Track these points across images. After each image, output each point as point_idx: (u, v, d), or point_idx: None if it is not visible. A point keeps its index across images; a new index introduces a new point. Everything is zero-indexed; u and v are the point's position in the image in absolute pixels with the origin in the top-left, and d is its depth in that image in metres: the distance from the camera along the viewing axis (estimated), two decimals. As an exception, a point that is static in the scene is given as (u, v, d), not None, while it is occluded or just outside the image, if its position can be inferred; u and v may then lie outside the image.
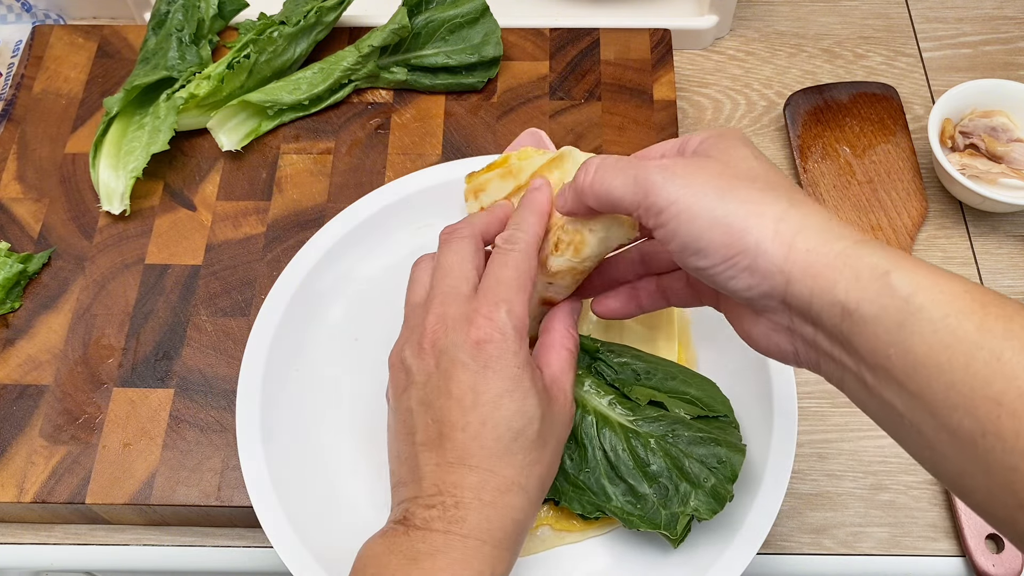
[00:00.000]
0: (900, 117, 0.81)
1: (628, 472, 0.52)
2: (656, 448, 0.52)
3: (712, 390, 0.55)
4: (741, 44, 0.88)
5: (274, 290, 0.62)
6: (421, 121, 0.76)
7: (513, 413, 0.46)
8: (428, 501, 0.45)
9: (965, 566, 0.62)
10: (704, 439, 0.52)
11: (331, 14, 0.78)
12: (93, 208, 0.72)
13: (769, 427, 0.56)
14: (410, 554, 0.43)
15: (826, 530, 0.64)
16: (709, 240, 0.42)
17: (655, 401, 0.54)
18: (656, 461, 0.52)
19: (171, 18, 0.77)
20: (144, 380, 0.65)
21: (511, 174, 0.58)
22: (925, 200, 0.77)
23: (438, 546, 0.43)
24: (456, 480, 0.45)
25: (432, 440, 0.46)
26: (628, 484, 0.52)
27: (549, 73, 0.79)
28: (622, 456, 0.53)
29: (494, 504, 0.45)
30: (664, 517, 0.51)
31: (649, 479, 0.52)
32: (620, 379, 0.55)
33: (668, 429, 0.53)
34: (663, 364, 0.56)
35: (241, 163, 0.74)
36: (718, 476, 0.51)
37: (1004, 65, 0.86)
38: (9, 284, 0.67)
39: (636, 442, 0.53)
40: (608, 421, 0.54)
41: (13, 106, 0.78)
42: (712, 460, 0.52)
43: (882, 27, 0.89)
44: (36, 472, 0.61)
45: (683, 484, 0.52)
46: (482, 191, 0.60)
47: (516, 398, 0.46)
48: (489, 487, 0.45)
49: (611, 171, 0.46)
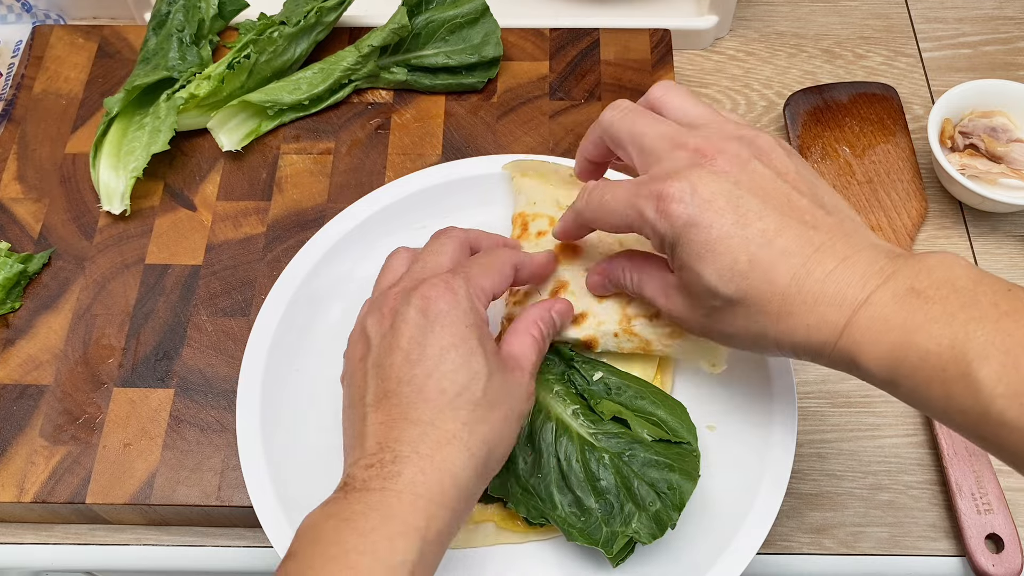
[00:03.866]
0: (900, 117, 0.81)
1: (578, 484, 0.52)
2: (609, 464, 0.52)
3: (681, 415, 0.55)
4: (741, 44, 0.88)
5: (274, 290, 0.62)
6: (421, 121, 0.76)
7: (458, 367, 0.46)
8: (368, 460, 0.45)
9: (965, 566, 0.62)
10: (659, 463, 0.52)
11: (331, 14, 0.78)
12: (93, 208, 0.72)
13: (769, 427, 0.56)
14: (344, 515, 0.43)
15: (826, 530, 0.64)
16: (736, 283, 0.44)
17: (619, 418, 0.54)
18: (607, 477, 0.52)
19: (172, 18, 0.77)
20: (144, 380, 0.65)
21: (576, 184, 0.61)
22: (925, 200, 0.77)
23: (372, 504, 0.43)
24: (397, 435, 0.45)
25: (379, 399, 0.46)
26: (576, 495, 0.52)
27: (549, 73, 0.79)
28: (575, 467, 0.53)
29: (431, 457, 0.44)
30: (604, 534, 0.51)
31: (597, 494, 0.52)
32: (590, 390, 0.55)
33: (625, 447, 0.53)
34: (636, 383, 0.56)
35: (241, 163, 0.74)
36: (665, 502, 0.51)
37: (1004, 65, 0.86)
38: (9, 284, 0.67)
39: (591, 455, 0.53)
40: (568, 430, 0.53)
41: (13, 106, 0.78)
42: (663, 485, 0.51)
43: (882, 27, 0.89)
44: (36, 472, 0.61)
45: (628, 504, 0.51)
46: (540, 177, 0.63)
47: (462, 352, 0.46)
48: (428, 440, 0.44)
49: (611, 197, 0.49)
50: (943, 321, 0.40)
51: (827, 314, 0.43)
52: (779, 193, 0.45)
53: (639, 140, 0.50)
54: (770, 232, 0.44)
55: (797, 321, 0.43)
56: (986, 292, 0.40)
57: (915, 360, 0.40)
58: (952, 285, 0.41)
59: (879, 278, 0.42)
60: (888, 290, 0.42)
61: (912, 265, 0.42)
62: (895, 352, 0.41)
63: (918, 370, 0.40)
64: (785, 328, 0.44)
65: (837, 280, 0.43)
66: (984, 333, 0.39)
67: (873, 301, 0.42)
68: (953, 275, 0.41)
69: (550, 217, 0.62)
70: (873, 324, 0.41)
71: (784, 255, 0.44)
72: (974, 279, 0.41)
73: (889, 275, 0.42)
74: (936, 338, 0.40)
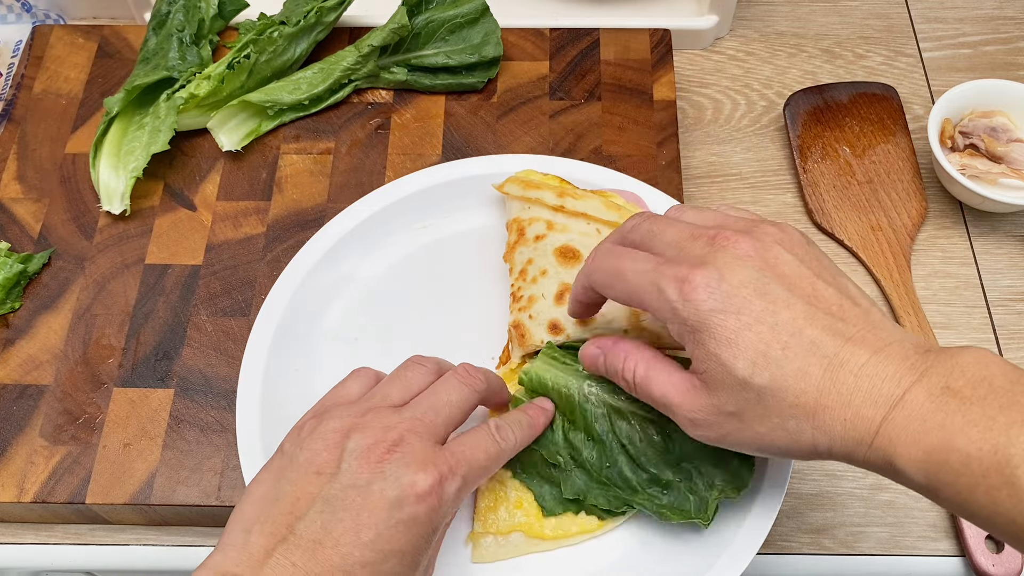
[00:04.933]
0: (900, 117, 0.81)
1: (648, 461, 0.53)
2: (673, 434, 0.53)
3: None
4: (741, 44, 0.88)
5: (274, 290, 0.62)
6: (421, 121, 0.76)
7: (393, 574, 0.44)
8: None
9: (965, 566, 0.62)
10: None
11: (331, 14, 0.78)
12: (93, 208, 0.72)
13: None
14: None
15: (826, 530, 0.64)
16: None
17: None
18: (675, 447, 0.53)
19: (172, 18, 0.77)
20: (144, 380, 0.65)
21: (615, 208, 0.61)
22: (925, 200, 0.77)
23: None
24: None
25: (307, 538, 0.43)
26: (651, 473, 0.53)
27: (549, 73, 0.79)
28: (639, 446, 0.53)
29: None
30: (693, 503, 0.52)
31: (670, 465, 0.53)
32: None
33: None
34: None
35: (241, 163, 0.74)
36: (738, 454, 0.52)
37: (1004, 65, 0.86)
38: (9, 284, 0.67)
39: (653, 430, 0.53)
40: (621, 413, 0.54)
41: (13, 106, 0.78)
42: None
43: (882, 27, 0.89)
44: (36, 472, 0.61)
45: (705, 466, 0.52)
46: (571, 196, 0.62)
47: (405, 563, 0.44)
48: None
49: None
50: (983, 424, 0.39)
51: (863, 409, 0.41)
52: (804, 281, 0.44)
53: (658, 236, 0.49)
54: (800, 321, 0.43)
55: (835, 415, 0.42)
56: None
57: (956, 465, 0.39)
58: (989, 384, 0.40)
59: (912, 375, 0.41)
60: (923, 388, 0.40)
61: (944, 362, 0.41)
62: (934, 455, 0.39)
63: (960, 476, 0.39)
64: (821, 423, 0.42)
65: (871, 375, 0.42)
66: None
67: (908, 400, 0.40)
68: (989, 373, 0.40)
69: (547, 221, 0.62)
70: (910, 424, 0.40)
71: (816, 346, 0.42)
72: (1011, 378, 0.40)
73: (922, 372, 0.41)
74: (977, 442, 0.38)
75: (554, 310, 0.58)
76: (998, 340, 0.71)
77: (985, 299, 0.73)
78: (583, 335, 0.57)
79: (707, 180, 0.79)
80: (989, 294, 0.73)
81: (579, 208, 0.62)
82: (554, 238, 0.61)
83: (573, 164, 0.68)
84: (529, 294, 0.59)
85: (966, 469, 0.39)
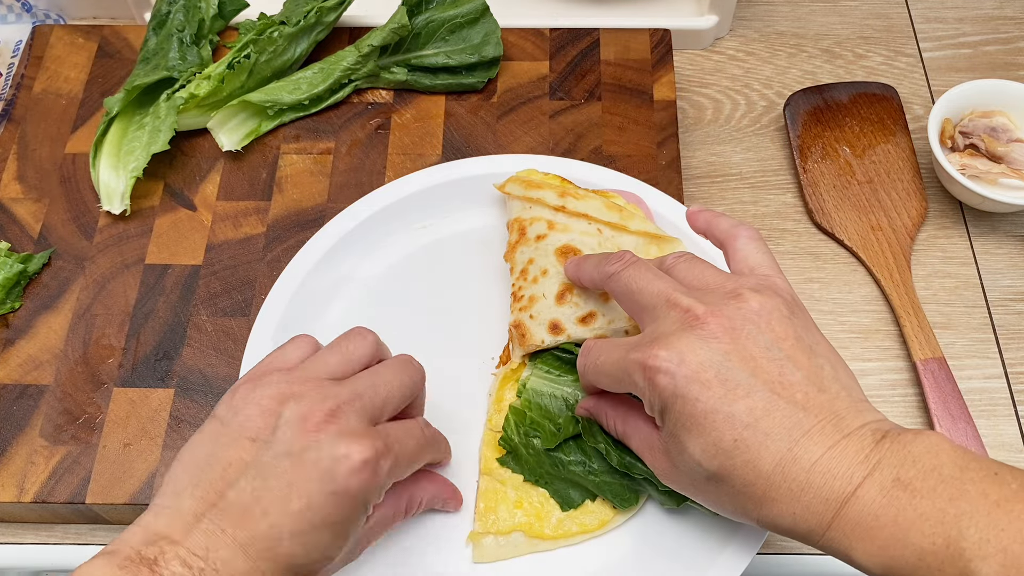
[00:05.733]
0: (900, 117, 0.81)
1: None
2: None
3: None
4: (741, 44, 0.88)
5: (274, 290, 0.62)
6: (421, 121, 0.76)
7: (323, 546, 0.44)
8: (188, 558, 0.42)
9: (965, 566, 0.62)
10: None
11: (331, 14, 0.78)
12: (93, 208, 0.72)
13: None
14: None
15: (826, 530, 0.64)
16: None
17: None
18: None
19: (172, 18, 0.77)
20: (144, 380, 0.65)
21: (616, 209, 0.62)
22: (925, 200, 0.77)
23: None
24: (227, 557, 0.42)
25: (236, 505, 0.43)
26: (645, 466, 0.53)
27: (549, 73, 0.79)
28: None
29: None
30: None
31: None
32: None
33: None
34: None
35: (241, 163, 0.74)
36: None
37: (1004, 65, 0.86)
38: (9, 284, 0.67)
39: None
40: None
41: (13, 106, 0.78)
42: None
43: (882, 27, 0.89)
44: (36, 472, 0.61)
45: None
46: (572, 196, 0.62)
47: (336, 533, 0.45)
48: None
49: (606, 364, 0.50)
50: (935, 518, 0.40)
51: (813, 505, 0.42)
52: (771, 366, 0.45)
53: (636, 296, 0.50)
54: (758, 411, 0.43)
55: (783, 508, 0.43)
56: (973, 479, 0.40)
57: (911, 559, 0.40)
58: (939, 474, 0.40)
59: (864, 468, 0.42)
60: (875, 483, 0.41)
61: (897, 452, 0.42)
62: (889, 550, 0.40)
63: (917, 568, 0.40)
64: (768, 513, 0.44)
65: (823, 471, 0.42)
66: (977, 530, 0.38)
67: (860, 496, 0.41)
68: (939, 462, 0.41)
69: (548, 221, 0.62)
70: (862, 520, 0.41)
71: (769, 438, 0.43)
72: (960, 465, 0.41)
73: (874, 464, 0.42)
74: (930, 536, 0.39)
75: (555, 310, 0.58)
76: (998, 340, 0.71)
77: (985, 299, 0.73)
78: (584, 335, 0.57)
79: (707, 180, 0.79)
80: (989, 294, 0.73)
81: (580, 208, 0.62)
82: (555, 238, 0.61)
83: (573, 164, 0.68)
84: (530, 294, 0.59)
85: (922, 562, 0.40)
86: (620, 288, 0.51)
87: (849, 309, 0.72)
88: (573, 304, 0.58)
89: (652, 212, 0.65)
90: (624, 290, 0.50)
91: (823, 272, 0.74)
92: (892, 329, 0.71)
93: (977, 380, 0.69)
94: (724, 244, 0.53)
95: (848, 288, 0.73)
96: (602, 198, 0.63)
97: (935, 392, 0.66)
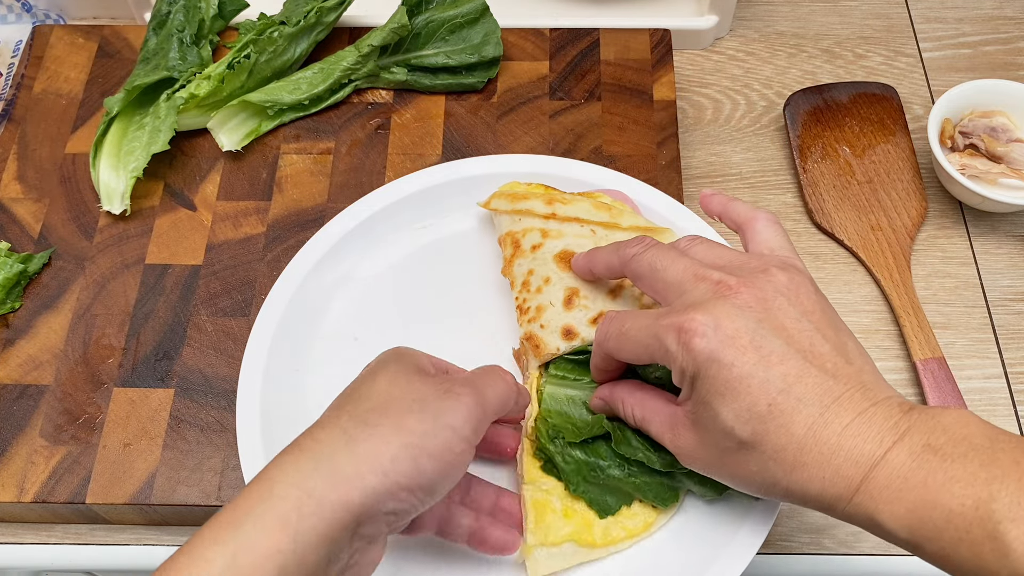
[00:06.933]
0: (900, 117, 0.81)
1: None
2: None
3: None
4: (741, 44, 0.88)
5: (274, 290, 0.62)
6: (421, 121, 0.76)
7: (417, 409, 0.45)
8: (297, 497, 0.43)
9: (965, 566, 0.62)
10: None
11: (331, 14, 0.78)
12: (93, 208, 0.72)
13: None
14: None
15: (826, 530, 0.64)
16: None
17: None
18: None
19: (172, 18, 0.77)
20: (144, 380, 0.65)
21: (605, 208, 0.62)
22: (925, 200, 0.77)
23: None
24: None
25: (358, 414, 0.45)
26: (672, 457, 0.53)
27: (549, 73, 0.79)
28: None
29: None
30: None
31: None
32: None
33: None
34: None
35: (241, 163, 0.74)
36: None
37: (1004, 65, 0.86)
38: (9, 284, 0.67)
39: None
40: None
41: (13, 106, 0.78)
42: None
43: (882, 27, 0.89)
44: (36, 472, 0.61)
45: None
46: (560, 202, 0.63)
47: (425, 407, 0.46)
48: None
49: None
50: (965, 480, 0.40)
51: (843, 468, 0.42)
52: (803, 335, 0.45)
53: (661, 274, 0.49)
54: (791, 377, 0.44)
55: (812, 473, 0.43)
56: (1004, 449, 0.40)
57: (939, 521, 0.40)
58: (969, 443, 0.41)
59: (894, 434, 0.42)
60: (904, 447, 0.41)
61: (926, 421, 0.42)
62: (917, 512, 0.40)
63: (943, 531, 0.40)
64: (798, 479, 0.44)
65: (853, 434, 0.42)
66: (1008, 494, 0.38)
67: (890, 459, 0.41)
68: (969, 432, 0.41)
69: (541, 230, 0.61)
70: (892, 482, 0.41)
71: (802, 403, 0.43)
72: (990, 436, 0.41)
73: (904, 431, 0.42)
74: (959, 498, 0.39)
75: (565, 315, 0.58)
76: (998, 340, 0.71)
77: (985, 299, 0.73)
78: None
79: (707, 180, 0.79)
80: (989, 294, 0.73)
81: (571, 213, 0.61)
82: (551, 245, 0.60)
83: (573, 164, 0.68)
84: (536, 304, 0.59)
85: (949, 524, 0.40)
86: (643, 267, 0.51)
87: (849, 309, 0.72)
88: (582, 307, 0.57)
89: (638, 206, 0.65)
90: (648, 269, 0.50)
91: (823, 272, 0.74)
92: (892, 329, 0.71)
93: (977, 380, 0.69)
94: (742, 227, 0.53)
95: (848, 288, 0.74)
96: (589, 199, 0.63)
97: (935, 392, 0.66)
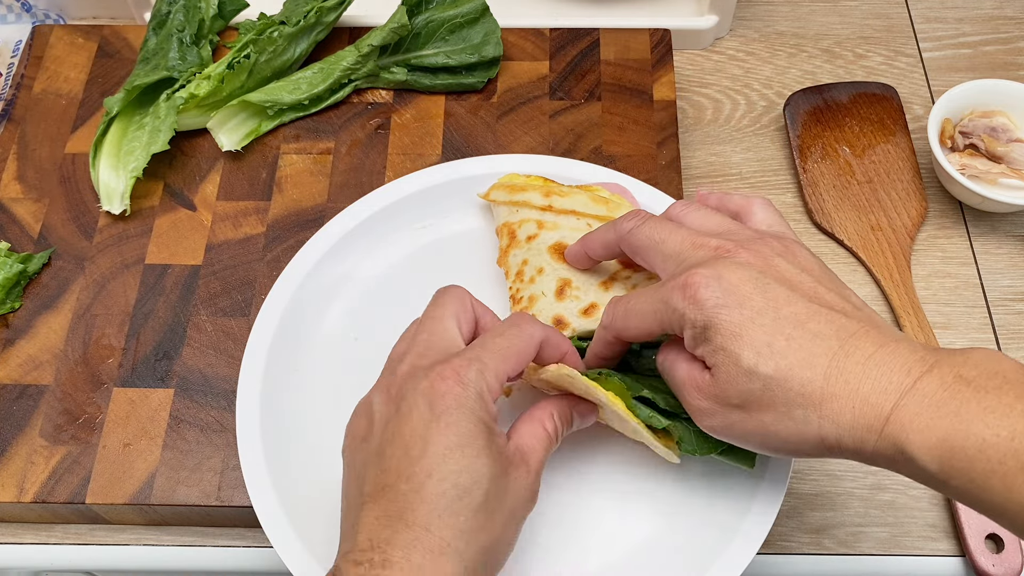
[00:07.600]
0: (900, 117, 0.81)
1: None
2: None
3: None
4: (741, 44, 0.88)
5: (274, 290, 0.62)
6: (421, 121, 0.76)
7: (461, 469, 0.43)
8: (358, 556, 0.42)
9: (965, 566, 0.62)
10: None
11: (331, 14, 0.78)
12: (93, 208, 0.72)
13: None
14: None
15: (826, 530, 0.64)
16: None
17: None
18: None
19: (172, 18, 0.77)
20: (144, 380, 0.65)
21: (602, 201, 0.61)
22: (925, 200, 0.77)
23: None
24: (389, 536, 0.42)
25: (377, 491, 0.43)
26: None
27: (549, 73, 0.79)
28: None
29: (422, 568, 0.41)
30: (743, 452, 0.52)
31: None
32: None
33: None
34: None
35: (241, 163, 0.74)
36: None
37: (1004, 65, 0.86)
38: (9, 284, 0.67)
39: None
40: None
41: (13, 106, 0.78)
42: None
43: (882, 27, 0.89)
44: (36, 472, 0.61)
45: None
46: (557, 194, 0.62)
47: (467, 454, 0.43)
48: (421, 547, 0.41)
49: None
50: (1000, 411, 0.38)
51: (872, 397, 0.41)
52: (806, 285, 0.45)
53: (660, 246, 0.49)
54: (802, 316, 0.43)
55: (842, 404, 0.42)
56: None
57: (972, 451, 0.39)
58: (1003, 376, 0.40)
59: (923, 365, 0.41)
60: (935, 377, 0.40)
61: (955, 356, 0.41)
62: (948, 441, 0.39)
63: (976, 462, 0.39)
64: (829, 411, 0.42)
65: (879, 364, 0.42)
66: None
67: (920, 388, 0.40)
68: (1002, 368, 0.40)
69: (537, 221, 0.62)
70: (923, 410, 0.40)
71: (819, 337, 0.43)
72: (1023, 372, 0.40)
73: (932, 363, 0.41)
74: (994, 428, 0.38)
75: (556, 306, 0.58)
76: (998, 340, 0.71)
77: (985, 299, 0.73)
78: (588, 326, 0.57)
79: (707, 180, 0.79)
80: (989, 294, 0.73)
81: (567, 205, 0.62)
82: (546, 236, 0.61)
83: (573, 164, 0.68)
84: (529, 294, 0.59)
85: (982, 455, 0.38)
86: (641, 240, 0.50)
87: (849, 309, 0.72)
88: (573, 298, 0.58)
89: (636, 200, 0.65)
90: (646, 241, 0.50)
91: (823, 272, 0.74)
92: (892, 329, 0.71)
93: (977, 380, 0.69)
94: (740, 213, 0.53)
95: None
96: (587, 192, 0.63)
97: (935, 392, 0.66)
